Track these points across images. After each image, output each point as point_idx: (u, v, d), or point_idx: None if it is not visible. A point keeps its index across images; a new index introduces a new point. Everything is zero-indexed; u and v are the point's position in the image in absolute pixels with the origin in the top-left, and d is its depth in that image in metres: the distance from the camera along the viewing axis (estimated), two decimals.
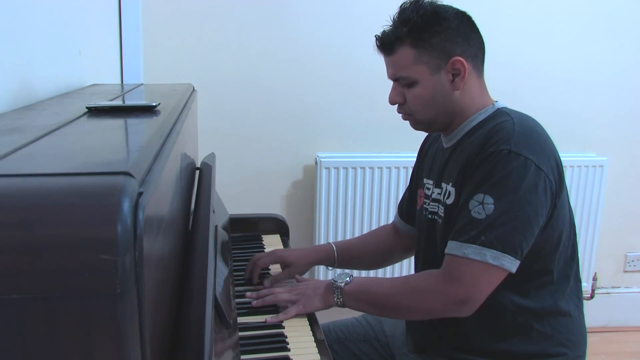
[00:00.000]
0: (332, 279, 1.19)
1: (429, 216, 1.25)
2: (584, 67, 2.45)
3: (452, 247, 1.08)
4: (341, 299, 1.17)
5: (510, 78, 2.32)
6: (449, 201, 1.17)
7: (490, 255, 1.04)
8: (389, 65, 1.21)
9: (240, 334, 1.09)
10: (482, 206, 1.05)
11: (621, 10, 2.43)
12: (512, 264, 1.05)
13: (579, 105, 2.48)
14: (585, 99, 2.48)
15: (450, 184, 1.17)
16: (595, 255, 2.53)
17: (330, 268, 1.48)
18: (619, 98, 2.51)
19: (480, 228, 1.05)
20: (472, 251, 1.05)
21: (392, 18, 1.19)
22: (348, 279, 1.18)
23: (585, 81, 2.47)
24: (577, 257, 1.22)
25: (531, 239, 1.07)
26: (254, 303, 1.21)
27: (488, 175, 1.06)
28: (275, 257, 1.38)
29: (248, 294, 1.24)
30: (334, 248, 1.43)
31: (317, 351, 1.07)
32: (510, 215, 1.04)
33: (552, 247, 1.14)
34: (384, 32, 1.19)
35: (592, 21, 2.42)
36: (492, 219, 1.04)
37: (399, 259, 1.54)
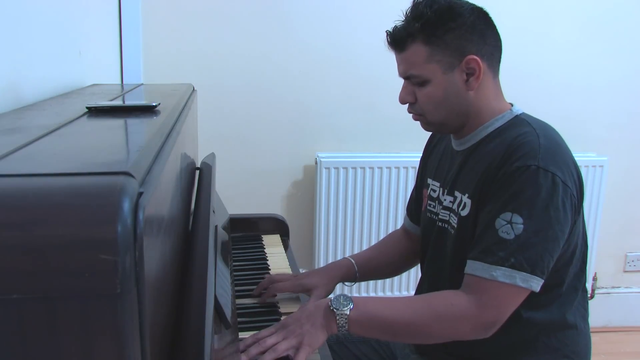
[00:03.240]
0: (331, 306, 1.04)
1: (439, 224, 1.21)
2: (584, 67, 2.45)
3: (478, 269, 1.02)
4: (346, 327, 1.04)
5: (510, 79, 2.30)
6: (464, 213, 1.12)
7: (520, 278, 1.00)
8: (400, 62, 1.14)
9: (240, 334, 1.09)
10: (511, 225, 1.00)
11: (621, 10, 2.43)
12: (538, 285, 1.02)
13: (579, 106, 2.48)
14: (585, 99, 2.48)
15: (467, 195, 1.12)
16: (595, 255, 2.53)
17: (349, 284, 1.37)
18: (619, 98, 2.51)
19: (509, 249, 1.00)
20: (501, 274, 1.00)
21: (404, 13, 1.12)
22: (351, 305, 1.04)
23: (586, 81, 2.47)
24: (586, 269, 1.18)
25: (556, 257, 1.04)
26: None
27: (516, 192, 1.01)
28: (298, 286, 1.26)
29: (241, 346, 1.02)
30: (353, 262, 1.34)
31: (317, 351, 1.07)
32: (541, 236, 1.00)
33: (566, 261, 1.11)
34: (395, 28, 1.12)
35: (592, 21, 2.42)
36: (522, 240, 0.99)
37: (415, 263, 1.45)
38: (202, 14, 2.20)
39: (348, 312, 1.03)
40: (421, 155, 1.40)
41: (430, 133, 1.36)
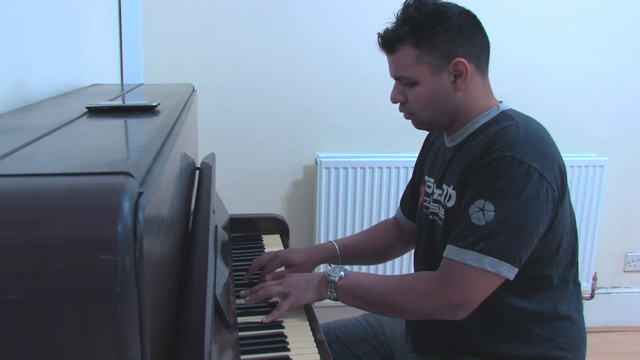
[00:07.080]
0: (326, 272, 1.18)
1: (430, 217, 1.25)
2: (584, 67, 2.45)
3: (450, 252, 1.07)
4: (334, 293, 1.16)
5: (510, 78, 2.32)
6: (450, 204, 1.16)
7: (488, 263, 1.03)
8: (390, 63, 1.18)
9: (240, 334, 1.09)
10: (483, 212, 1.04)
11: (621, 10, 2.43)
12: (509, 272, 1.04)
13: (579, 106, 2.48)
14: (585, 99, 2.48)
15: (452, 186, 1.16)
16: (595, 255, 2.53)
17: (332, 266, 1.47)
18: (619, 98, 2.51)
19: (479, 234, 1.03)
20: (470, 257, 1.04)
21: (395, 15, 1.16)
22: (342, 273, 1.17)
23: (586, 81, 2.47)
24: (577, 262, 1.21)
25: (530, 247, 1.06)
26: (247, 299, 1.19)
27: (490, 181, 1.05)
28: (280, 260, 1.36)
29: (242, 292, 1.22)
30: (336, 247, 1.42)
31: (317, 351, 1.07)
32: (510, 223, 1.03)
33: (552, 253, 1.13)
34: (386, 30, 1.16)
35: (592, 21, 2.42)
36: (492, 226, 1.03)
37: (401, 252, 1.54)
38: (202, 13, 2.19)
39: (337, 280, 1.16)
40: (419, 152, 1.43)
41: (425, 135, 1.40)
